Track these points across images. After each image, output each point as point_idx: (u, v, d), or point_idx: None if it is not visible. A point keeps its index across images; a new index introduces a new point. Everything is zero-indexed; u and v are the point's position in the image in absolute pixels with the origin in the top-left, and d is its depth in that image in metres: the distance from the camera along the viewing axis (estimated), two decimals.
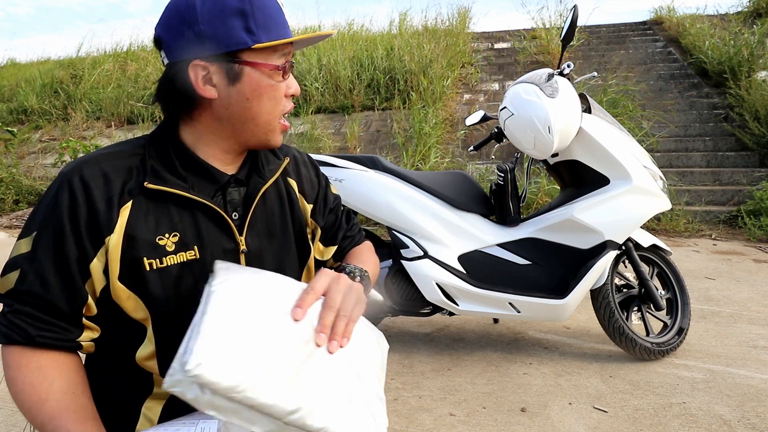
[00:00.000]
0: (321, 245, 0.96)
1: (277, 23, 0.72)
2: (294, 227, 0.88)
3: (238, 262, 0.78)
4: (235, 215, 0.79)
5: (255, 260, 0.80)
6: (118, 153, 0.75)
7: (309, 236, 0.92)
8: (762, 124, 5.44)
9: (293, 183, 0.90)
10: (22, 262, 0.69)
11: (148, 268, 0.71)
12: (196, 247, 0.74)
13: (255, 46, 0.70)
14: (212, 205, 0.75)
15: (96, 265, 0.70)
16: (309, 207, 0.91)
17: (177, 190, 0.73)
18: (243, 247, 0.78)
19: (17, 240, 0.71)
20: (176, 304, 0.72)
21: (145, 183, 0.72)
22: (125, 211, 0.71)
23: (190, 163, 0.76)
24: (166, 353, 0.73)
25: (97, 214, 0.69)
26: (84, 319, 0.71)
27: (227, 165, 0.80)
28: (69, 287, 0.69)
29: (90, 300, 0.71)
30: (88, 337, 0.72)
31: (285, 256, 0.85)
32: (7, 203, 6.31)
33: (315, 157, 2.28)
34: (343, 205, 1.04)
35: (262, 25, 0.70)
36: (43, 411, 0.65)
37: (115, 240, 0.69)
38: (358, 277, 0.84)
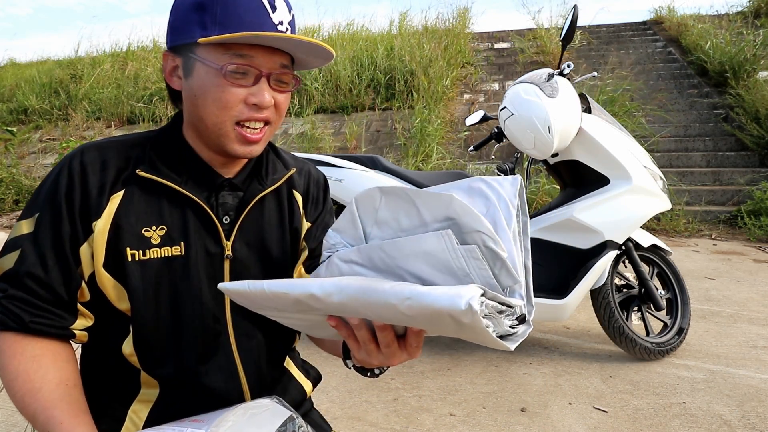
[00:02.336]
0: (303, 269, 0.90)
1: (243, 22, 0.66)
2: (291, 240, 0.85)
3: (221, 266, 0.76)
4: (226, 219, 0.77)
5: (239, 267, 0.78)
6: (122, 142, 0.75)
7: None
8: (762, 124, 5.44)
9: (299, 197, 0.87)
10: (23, 243, 0.68)
11: (130, 259, 0.70)
12: (182, 243, 0.73)
13: (200, 40, 0.66)
14: (202, 204, 0.74)
15: (85, 250, 0.70)
16: (306, 225, 0.89)
17: (168, 182, 0.72)
18: (228, 253, 0.76)
19: (18, 221, 0.71)
20: (154, 299, 0.72)
21: (138, 170, 0.72)
22: (116, 199, 0.71)
23: (188, 159, 0.76)
24: (144, 348, 0.73)
25: (89, 199, 0.70)
26: (78, 304, 0.71)
27: (226, 168, 0.78)
28: (65, 270, 0.69)
29: (84, 284, 0.71)
30: (81, 324, 0.72)
31: (273, 268, 0.82)
32: (7, 203, 6.31)
33: (315, 157, 2.29)
34: None
35: (220, 22, 0.66)
36: (36, 400, 0.64)
37: (101, 226, 0.69)
38: None
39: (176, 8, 0.72)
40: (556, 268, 2.22)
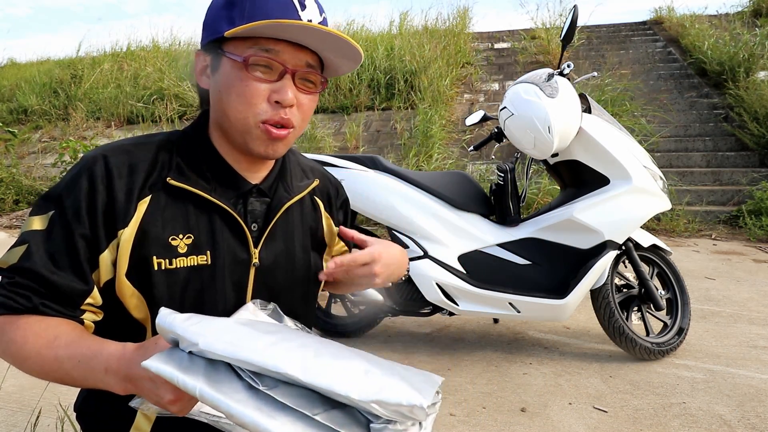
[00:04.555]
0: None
1: (269, 17, 0.65)
2: (314, 248, 0.85)
3: (247, 274, 0.75)
4: (254, 227, 0.76)
5: (265, 275, 0.77)
6: (146, 144, 0.73)
7: (328, 260, 0.90)
8: (761, 124, 5.44)
9: (320, 204, 0.88)
10: (31, 239, 0.65)
11: (156, 268, 0.68)
12: (208, 252, 0.72)
13: (226, 33, 0.66)
14: (232, 212, 0.72)
15: (106, 257, 0.68)
16: (335, 230, 0.90)
17: (198, 191, 0.71)
18: (255, 261, 0.75)
19: (30, 216, 0.68)
20: (178, 309, 0.69)
21: (168, 179, 0.70)
22: (143, 206, 0.69)
23: (215, 165, 0.74)
24: None
25: (115, 204, 0.67)
26: (85, 305, 0.68)
27: (252, 173, 0.77)
28: (78, 274, 0.66)
29: (95, 291, 0.68)
30: (90, 318, 0.69)
31: (298, 275, 0.82)
32: (7, 203, 6.31)
33: (315, 157, 2.29)
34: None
35: (247, 16, 0.66)
36: (54, 347, 0.61)
37: (128, 234, 0.67)
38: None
39: (210, 7, 0.72)
40: (556, 268, 2.22)
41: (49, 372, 0.63)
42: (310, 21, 0.68)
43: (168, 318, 0.54)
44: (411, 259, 2.21)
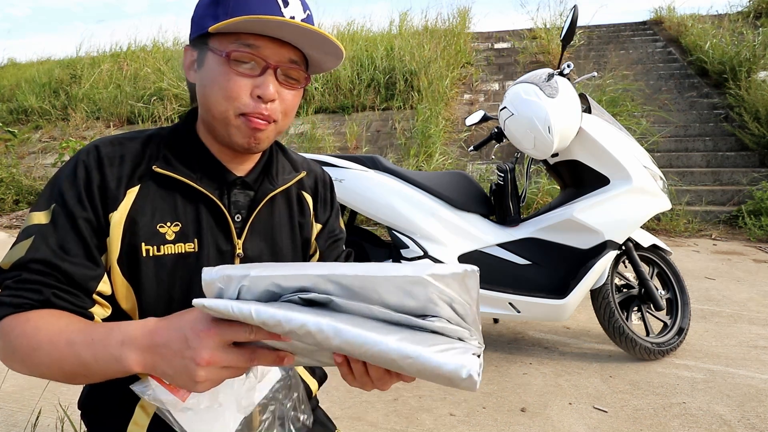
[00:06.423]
0: None
1: (252, 12, 0.67)
2: (300, 241, 0.86)
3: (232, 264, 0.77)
4: (238, 217, 0.78)
5: None
6: (136, 138, 0.76)
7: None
8: (762, 124, 5.44)
9: (308, 198, 0.89)
10: (36, 232, 0.66)
11: (144, 255, 0.70)
12: (195, 240, 0.74)
13: (210, 29, 0.67)
14: (216, 201, 0.74)
15: (108, 241, 0.70)
16: (317, 227, 0.90)
17: (184, 178, 0.73)
18: (239, 251, 0.77)
19: (30, 212, 0.70)
20: (166, 296, 0.72)
21: (154, 167, 0.72)
22: (132, 194, 0.71)
23: (201, 156, 0.76)
24: None
25: (107, 191, 0.70)
26: (95, 295, 0.69)
27: (237, 165, 0.79)
28: (89, 258, 0.68)
29: (105, 276, 0.70)
30: (99, 313, 0.70)
31: None
32: (7, 203, 6.31)
33: (315, 157, 2.29)
34: (347, 249, 0.99)
35: (230, 13, 0.67)
36: (68, 330, 0.61)
37: (117, 218, 0.69)
38: None
39: (198, 4, 0.74)
40: (556, 268, 2.22)
41: (59, 359, 0.61)
42: (293, 18, 0.69)
43: (213, 269, 0.55)
44: (411, 259, 2.21)
